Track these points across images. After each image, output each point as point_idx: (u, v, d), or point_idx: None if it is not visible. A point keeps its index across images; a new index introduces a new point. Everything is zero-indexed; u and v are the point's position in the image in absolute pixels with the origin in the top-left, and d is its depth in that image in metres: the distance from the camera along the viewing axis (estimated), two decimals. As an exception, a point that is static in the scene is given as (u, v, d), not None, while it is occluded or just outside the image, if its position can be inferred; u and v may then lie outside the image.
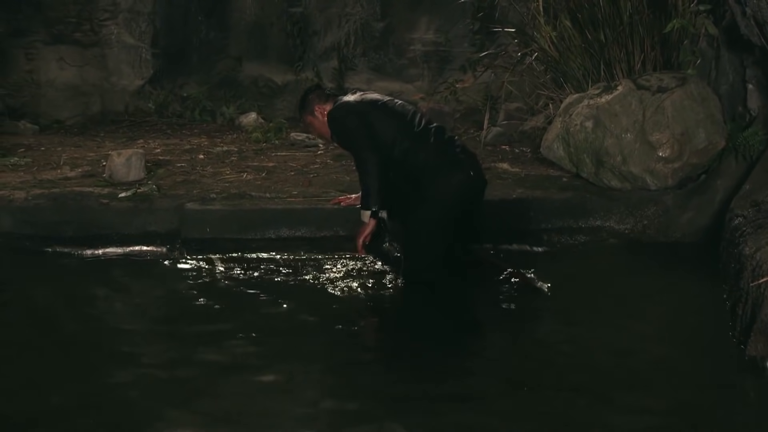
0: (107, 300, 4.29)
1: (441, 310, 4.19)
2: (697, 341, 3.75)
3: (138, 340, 3.73)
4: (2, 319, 4.00)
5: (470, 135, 7.28)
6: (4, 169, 6.07)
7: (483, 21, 8.14)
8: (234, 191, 5.52)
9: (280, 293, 4.27)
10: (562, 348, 3.67)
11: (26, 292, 4.37)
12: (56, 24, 8.63)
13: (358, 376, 3.40)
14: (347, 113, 4.43)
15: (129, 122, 8.53)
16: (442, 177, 4.28)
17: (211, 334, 3.75)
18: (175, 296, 4.33)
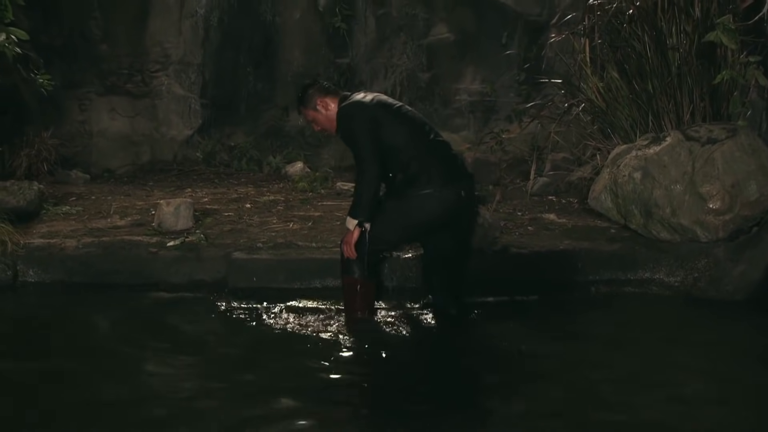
0: (154, 348, 4.28)
1: (487, 361, 4.14)
2: (751, 401, 3.64)
3: (181, 387, 3.73)
4: (52, 366, 4.02)
5: (516, 185, 7.26)
6: (57, 217, 6.17)
7: (529, 72, 8.16)
8: (280, 240, 5.54)
9: (326, 343, 4.25)
10: (609, 400, 3.58)
11: (76, 339, 4.40)
12: (109, 75, 8.83)
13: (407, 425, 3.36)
14: (359, 113, 4.47)
15: (177, 171, 8.64)
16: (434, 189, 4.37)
17: (255, 384, 3.73)
18: (221, 345, 4.33)
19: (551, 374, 3.91)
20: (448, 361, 4.20)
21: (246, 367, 3.94)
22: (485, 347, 4.36)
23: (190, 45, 8.98)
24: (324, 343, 4.26)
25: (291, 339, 4.34)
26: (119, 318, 4.69)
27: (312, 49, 9.10)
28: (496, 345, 4.37)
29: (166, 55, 8.94)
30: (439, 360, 4.22)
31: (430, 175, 4.39)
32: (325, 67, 9.04)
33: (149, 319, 4.68)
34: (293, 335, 4.39)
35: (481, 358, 4.22)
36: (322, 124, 4.66)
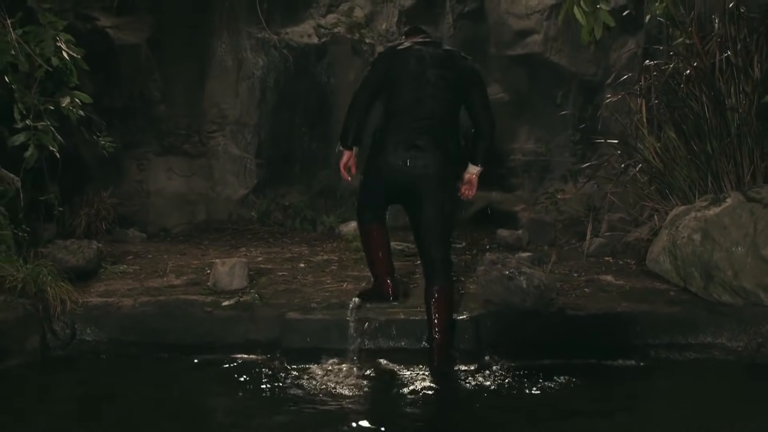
0: (206, 408, 4.28)
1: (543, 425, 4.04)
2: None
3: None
4: (106, 424, 4.02)
5: (572, 246, 7.18)
6: (114, 276, 6.24)
7: (584, 132, 8.12)
8: (334, 301, 5.52)
9: (379, 406, 4.20)
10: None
11: (129, 398, 4.40)
12: (167, 136, 8.99)
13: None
14: (379, 58, 5.08)
15: (232, 230, 8.72)
16: (386, 155, 4.82)
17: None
18: (274, 406, 4.29)
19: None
20: (504, 424, 4.12)
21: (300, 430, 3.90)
22: (540, 410, 4.26)
23: (247, 106, 9.12)
24: (378, 404, 4.20)
25: (344, 400, 4.29)
26: (174, 380, 4.69)
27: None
28: (551, 409, 4.27)
29: (222, 116, 9.09)
30: (493, 422, 4.14)
31: (392, 142, 4.80)
32: (379, 127, 9.09)
33: (202, 380, 4.67)
34: (347, 396, 4.34)
35: (536, 421, 4.12)
36: None
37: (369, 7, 9.32)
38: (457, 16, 9.32)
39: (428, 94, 4.81)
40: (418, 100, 4.81)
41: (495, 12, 9.32)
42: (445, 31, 9.33)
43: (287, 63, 9.06)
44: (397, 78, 4.84)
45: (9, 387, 4.57)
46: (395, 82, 4.84)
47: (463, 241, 7.99)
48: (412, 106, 4.80)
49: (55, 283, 5.29)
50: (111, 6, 8.57)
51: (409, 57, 4.86)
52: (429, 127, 4.80)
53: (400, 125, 4.81)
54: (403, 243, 7.40)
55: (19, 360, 4.84)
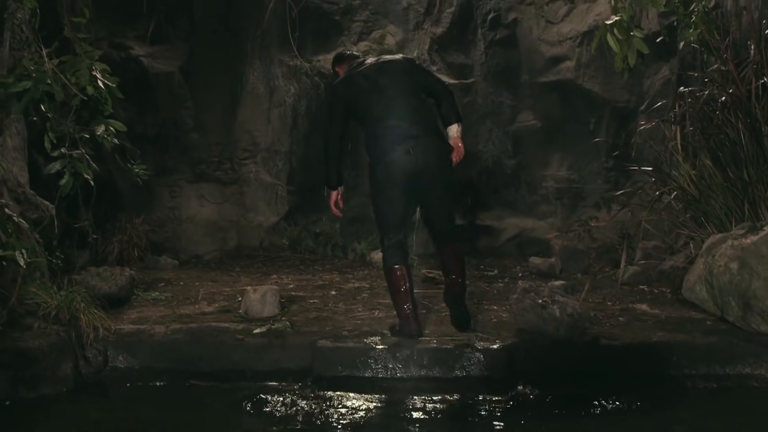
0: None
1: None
2: None
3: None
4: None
5: (606, 274, 7.11)
6: (146, 303, 6.26)
7: (617, 158, 8.07)
8: (366, 329, 5.50)
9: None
10: None
11: (160, 426, 4.40)
12: (199, 163, 9.04)
13: None
14: (332, 94, 5.53)
15: (263, 257, 8.73)
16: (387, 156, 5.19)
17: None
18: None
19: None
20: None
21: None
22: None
23: (278, 133, 9.16)
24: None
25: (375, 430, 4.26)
26: (205, 408, 4.68)
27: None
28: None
29: (254, 143, 9.14)
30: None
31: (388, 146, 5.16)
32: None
33: (235, 410, 4.65)
34: (378, 426, 4.31)
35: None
36: None
37: (400, 35, 9.35)
38: (489, 44, 9.32)
39: (390, 97, 5.29)
40: (386, 107, 5.26)
41: (527, 39, 9.31)
42: (476, 58, 9.34)
43: (319, 90, 9.10)
44: (359, 102, 5.35)
45: (42, 414, 4.58)
46: (359, 106, 5.35)
47: (495, 269, 7.94)
48: (386, 115, 5.25)
49: (88, 310, 5.30)
50: (145, 35, 8.68)
51: (357, 81, 5.37)
52: (409, 121, 5.23)
53: (385, 134, 5.23)
54: (434, 271, 7.38)
55: (52, 387, 4.85)
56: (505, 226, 9.00)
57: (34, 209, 5.85)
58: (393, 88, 5.32)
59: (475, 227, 9.00)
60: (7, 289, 5.00)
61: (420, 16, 9.39)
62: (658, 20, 8.05)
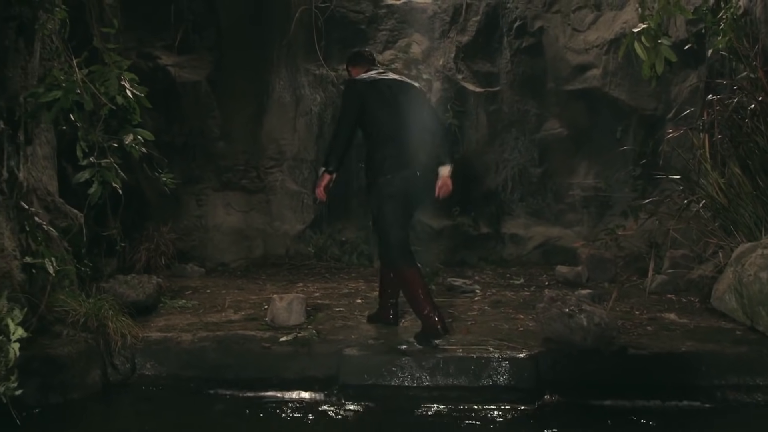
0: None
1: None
2: None
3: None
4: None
5: (633, 283, 7.05)
6: (173, 311, 6.29)
7: (645, 167, 8.02)
8: (392, 337, 5.49)
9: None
10: None
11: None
12: (226, 172, 9.09)
13: None
14: (353, 89, 5.50)
15: (289, 265, 8.75)
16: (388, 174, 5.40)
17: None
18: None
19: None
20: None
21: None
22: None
23: (304, 141, 9.19)
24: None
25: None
26: (231, 416, 4.69)
27: (423, 145, 9.17)
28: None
29: (280, 151, 9.17)
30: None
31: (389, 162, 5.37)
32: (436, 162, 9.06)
33: (261, 418, 4.66)
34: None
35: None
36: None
37: (426, 43, 9.36)
38: (514, 52, 9.31)
39: (401, 117, 5.48)
40: (401, 125, 5.46)
41: (553, 47, 9.29)
42: (502, 66, 9.32)
43: (345, 99, 9.11)
44: (376, 109, 5.45)
45: (70, 421, 4.61)
46: (375, 113, 5.46)
47: (521, 277, 7.91)
48: (398, 129, 5.45)
49: (116, 317, 5.34)
50: (172, 45, 8.75)
51: (381, 88, 5.50)
52: (409, 144, 5.46)
53: (396, 147, 5.42)
54: (459, 279, 7.37)
55: (81, 393, 4.89)
56: (531, 234, 8.97)
57: (64, 217, 5.91)
58: (404, 112, 5.52)
59: (500, 236, 8.98)
60: (36, 296, 5.05)
61: (446, 25, 9.39)
62: (685, 28, 8.01)
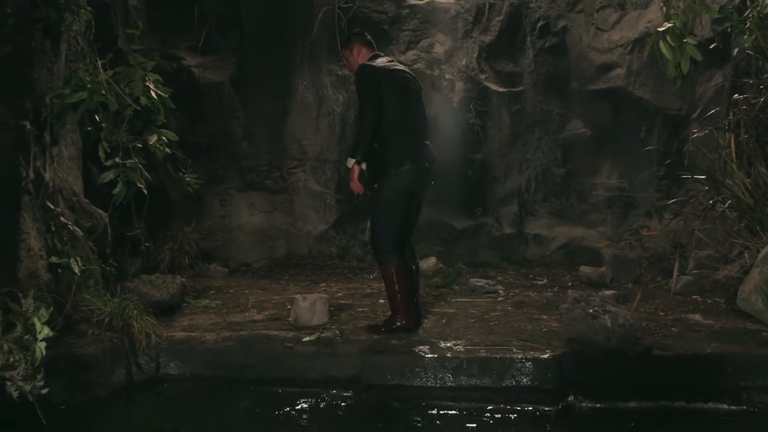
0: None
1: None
2: None
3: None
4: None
5: (658, 283, 7.01)
6: (197, 311, 6.32)
7: (669, 167, 7.96)
8: (414, 338, 5.48)
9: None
10: None
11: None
12: (249, 172, 9.12)
13: None
14: (372, 73, 5.42)
15: (312, 265, 8.77)
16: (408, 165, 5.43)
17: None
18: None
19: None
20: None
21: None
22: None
23: (327, 142, 9.20)
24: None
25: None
26: (255, 416, 4.70)
27: (446, 145, 9.16)
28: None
29: (303, 152, 9.18)
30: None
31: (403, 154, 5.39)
32: (458, 162, 9.06)
33: (285, 418, 4.67)
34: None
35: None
36: (350, 64, 5.76)
37: (449, 43, 9.35)
38: (538, 51, 9.27)
39: (417, 108, 5.59)
40: (416, 114, 5.57)
41: (576, 46, 9.24)
42: (525, 66, 9.29)
43: (367, 99, 9.11)
44: (393, 97, 5.43)
45: (95, 419, 4.64)
46: (391, 100, 5.42)
47: (545, 278, 7.88)
48: (414, 120, 5.53)
49: (141, 317, 5.38)
50: (196, 46, 8.80)
51: (397, 77, 5.52)
52: (423, 136, 5.61)
53: (410, 139, 5.47)
54: (482, 279, 7.36)
55: (105, 393, 4.92)
56: (554, 234, 8.93)
57: (89, 218, 5.95)
58: (418, 103, 5.66)
59: (523, 236, 8.95)
60: (62, 296, 5.09)
61: (469, 25, 9.37)
62: (711, 27, 7.94)
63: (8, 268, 4.71)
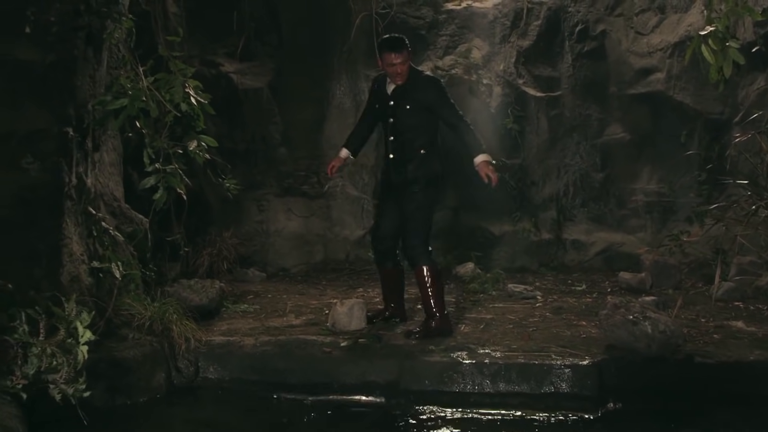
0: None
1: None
2: None
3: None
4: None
5: (699, 290, 6.94)
6: (235, 315, 6.36)
7: (711, 171, 7.86)
8: (452, 343, 5.47)
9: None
10: None
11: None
12: (287, 177, 9.15)
13: None
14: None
15: (349, 271, 8.78)
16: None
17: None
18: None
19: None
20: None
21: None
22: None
23: (364, 147, 9.18)
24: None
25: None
26: (292, 421, 4.73)
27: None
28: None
29: (341, 156, 9.19)
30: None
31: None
32: (496, 167, 8.97)
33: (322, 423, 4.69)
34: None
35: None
36: (403, 70, 5.70)
37: (486, 48, 9.31)
38: (576, 56, 9.21)
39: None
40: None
41: (615, 51, 9.17)
42: (564, 70, 9.23)
43: (405, 104, 9.11)
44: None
45: (136, 422, 4.69)
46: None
47: (583, 284, 7.82)
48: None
49: (180, 321, 5.43)
50: (234, 52, 8.85)
51: None
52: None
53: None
54: (520, 285, 7.32)
55: (146, 396, 4.98)
56: (593, 240, 8.85)
57: (129, 223, 6.02)
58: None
59: (562, 241, 8.89)
60: (103, 300, 5.15)
61: (506, 29, 9.33)
62: (753, 29, 7.83)
63: (51, 272, 4.78)
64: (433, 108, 5.72)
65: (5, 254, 4.57)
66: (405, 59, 5.67)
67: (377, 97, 5.94)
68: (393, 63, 5.66)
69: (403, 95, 5.74)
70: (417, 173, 5.69)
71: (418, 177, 5.68)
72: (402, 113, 5.74)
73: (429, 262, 5.70)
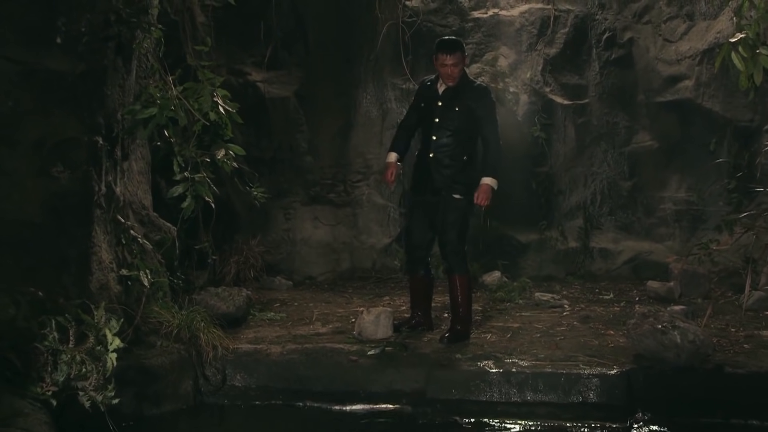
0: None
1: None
2: None
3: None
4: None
5: (728, 299, 6.87)
6: (262, 323, 6.38)
7: (740, 179, 7.78)
8: (479, 352, 5.46)
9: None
10: None
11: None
12: (313, 186, 9.17)
13: None
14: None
15: (375, 279, 8.77)
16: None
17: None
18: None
19: None
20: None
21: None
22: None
23: (391, 156, 9.20)
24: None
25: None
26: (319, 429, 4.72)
27: (510, 158, 9.09)
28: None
29: (367, 165, 9.21)
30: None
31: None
32: (522, 175, 8.98)
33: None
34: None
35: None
36: (455, 72, 5.73)
37: (513, 56, 9.29)
38: (603, 63, 9.16)
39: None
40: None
41: (643, 58, 9.11)
42: (591, 78, 9.18)
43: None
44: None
45: (163, 429, 4.72)
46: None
47: (611, 293, 7.77)
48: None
49: (208, 329, 5.45)
50: (261, 61, 8.89)
51: None
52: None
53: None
54: (547, 293, 7.30)
55: (173, 404, 5.00)
56: (621, 248, 8.79)
57: (157, 231, 6.06)
58: None
59: (589, 250, 8.84)
60: (132, 308, 5.19)
61: (533, 37, 9.31)
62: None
63: (81, 280, 4.82)
64: (479, 117, 5.75)
65: (35, 262, 4.61)
66: (458, 61, 5.70)
67: (425, 96, 5.98)
68: (445, 64, 5.70)
69: (453, 97, 5.77)
70: (459, 179, 5.73)
71: (461, 183, 5.73)
72: (449, 114, 5.77)
73: (467, 272, 5.85)
